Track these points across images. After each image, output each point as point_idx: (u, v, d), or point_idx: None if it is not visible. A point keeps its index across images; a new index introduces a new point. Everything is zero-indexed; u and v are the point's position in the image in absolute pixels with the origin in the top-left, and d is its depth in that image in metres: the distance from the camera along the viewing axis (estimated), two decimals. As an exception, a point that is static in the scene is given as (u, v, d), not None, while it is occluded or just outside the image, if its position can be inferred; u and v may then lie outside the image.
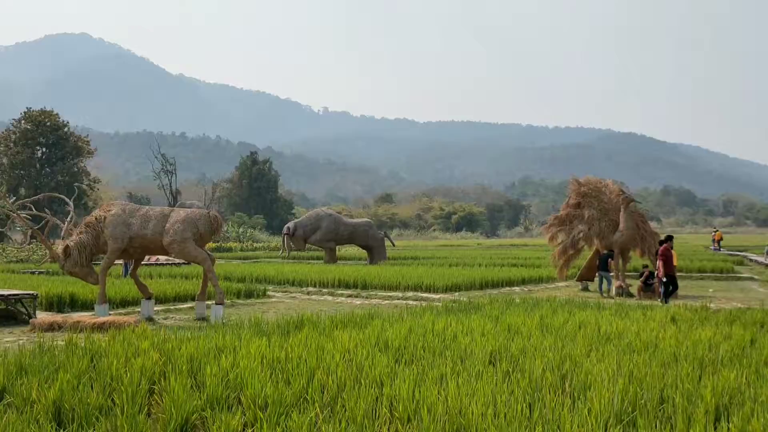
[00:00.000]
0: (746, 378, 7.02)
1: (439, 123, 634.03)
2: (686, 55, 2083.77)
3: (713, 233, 57.04)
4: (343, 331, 10.27)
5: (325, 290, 22.31)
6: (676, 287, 18.24)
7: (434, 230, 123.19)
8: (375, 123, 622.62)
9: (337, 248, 42.34)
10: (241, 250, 60.14)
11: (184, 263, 32.48)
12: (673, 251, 19.10)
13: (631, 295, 20.45)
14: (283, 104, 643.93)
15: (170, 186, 74.12)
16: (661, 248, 18.54)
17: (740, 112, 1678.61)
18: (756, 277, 27.59)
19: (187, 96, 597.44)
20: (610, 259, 21.20)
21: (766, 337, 9.73)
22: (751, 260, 37.54)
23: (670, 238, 18.79)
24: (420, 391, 6.35)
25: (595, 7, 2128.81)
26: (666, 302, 17.28)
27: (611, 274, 21.18)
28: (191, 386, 6.94)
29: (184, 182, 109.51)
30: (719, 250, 48.82)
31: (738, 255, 41.96)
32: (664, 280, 18.10)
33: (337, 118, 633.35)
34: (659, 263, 18.32)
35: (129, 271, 19.68)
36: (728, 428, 5.40)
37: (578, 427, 5.40)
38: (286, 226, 38.31)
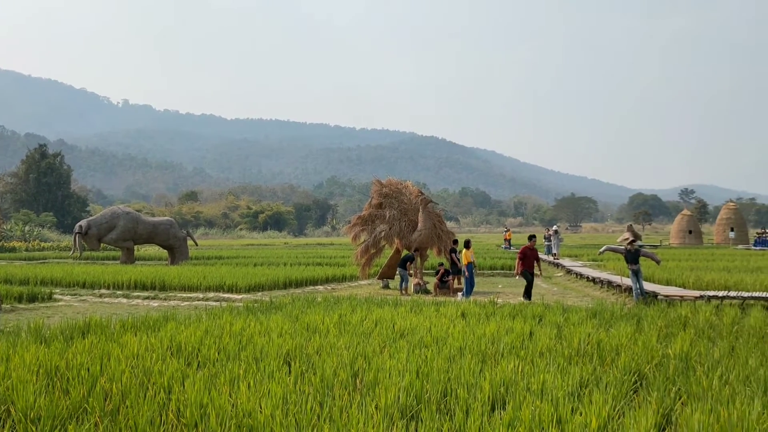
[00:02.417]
0: (522, 369, 7.53)
1: (248, 120, 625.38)
2: (483, 65, 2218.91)
3: (505, 233, 61.09)
4: (133, 336, 9.79)
5: (119, 292, 21.16)
6: (530, 284, 18.67)
7: (241, 229, 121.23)
8: (180, 118, 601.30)
9: (135, 248, 40.36)
10: (27, 250, 55.33)
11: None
12: (469, 250, 20.12)
13: (428, 292, 21.32)
14: (78, 95, 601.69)
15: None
16: (522, 248, 18.98)
17: (530, 120, 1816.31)
18: (540, 273, 29.82)
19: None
20: (409, 262, 21.97)
21: (542, 330, 10.53)
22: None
23: (532, 237, 19.53)
24: (210, 395, 6.18)
25: (400, 9, 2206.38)
26: (529, 299, 18.02)
27: (410, 272, 21.97)
28: (-49, 402, 6.25)
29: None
30: (510, 248, 52.29)
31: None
32: (517, 277, 18.80)
33: (138, 111, 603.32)
34: (517, 261, 18.95)
35: None
36: (501, 416, 5.75)
37: (364, 424, 5.50)
38: (78, 224, 35.85)
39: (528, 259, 18.51)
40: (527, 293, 18.32)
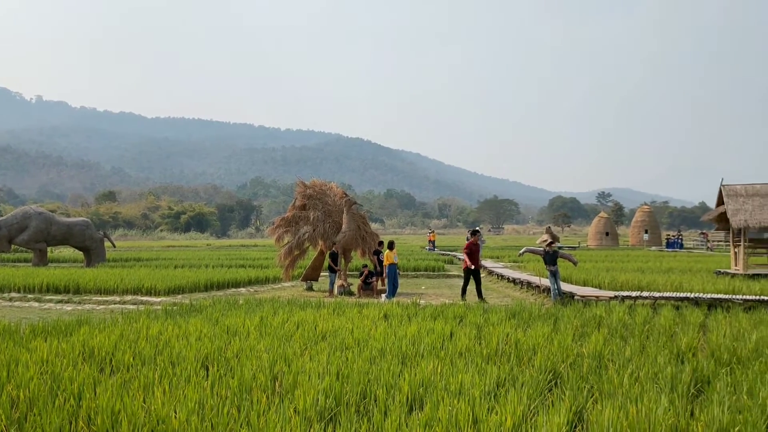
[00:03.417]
0: (441, 369, 7.61)
1: (169, 119, 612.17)
2: (409, 67, 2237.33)
3: (429, 234, 61.74)
4: (44, 341, 9.43)
5: (30, 296, 20.32)
6: (477, 282, 18.68)
7: (162, 230, 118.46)
8: (97, 115, 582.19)
9: (49, 250, 38.92)
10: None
11: None
12: (392, 251, 20.23)
13: (351, 294, 21.32)
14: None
15: None
16: (468, 244, 19.03)
17: (454, 123, 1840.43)
18: (463, 274, 30.24)
19: None
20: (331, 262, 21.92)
21: (462, 330, 10.66)
22: (460, 259, 41.14)
23: (476, 232, 19.54)
24: (122, 401, 6.01)
25: (327, 11, 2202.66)
26: (464, 298, 18.05)
27: (338, 268, 21.89)
28: None
29: None
30: (433, 250, 52.87)
31: (449, 254, 45.84)
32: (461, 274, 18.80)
33: (53, 107, 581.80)
34: (465, 256, 18.99)
35: None
36: (419, 417, 5.79)
37: (282, 427, 5.45)
38: (-13, 225, 34.27)
39: (474, 254, 18.67)
40: (479, 293, 18.46)
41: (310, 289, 23.09)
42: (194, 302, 15.37)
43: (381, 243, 22.71)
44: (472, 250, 18.66)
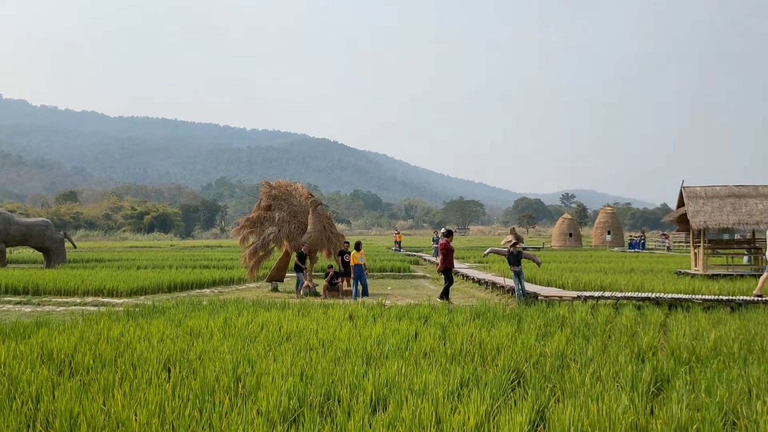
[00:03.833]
0: (405, 369, 7.62)
1: (132, 118, 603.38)
2: (376, 68, 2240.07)
3: (395, 235, 61.80)
4: (1, 343, 9.24)
5: (-12, 297, 19.91)
6: (450, 282, 18.68)
7: (124, 231, 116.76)
8: (58, 114, 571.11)
9: (8, 250, 38.11)
10: None
11: None
12: (360, 252, 20.21)
13: (317, 294, 21.25)
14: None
15: None
16: (442, 242, 19.00)
17: (421, 124, 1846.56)
18: (428, 275, 30.37)
19: None
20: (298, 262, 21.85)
21: (427, 331, 10.70)
22: (425, 260, 41.30)
23: (450, 233, 19.50)
24: (82, 404, 5.91)
25: (292, 10, 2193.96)
26: (445, 299, 18.02)
27: (302, 274, 21.81)
28: None
29: None
30: (399, 250, 52.95)
31: (415, 255, 45.99)
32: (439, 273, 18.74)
33: (12, 106, 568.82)
34: (440, 257, 18.89)
35: None
36: (383, 417, 5.79)
37: (244, 429, 5.41)
38: (-59, 225, 33.41)
39: (449, 255, 18.68)
40: (446, 294, 18.42)
41: (275, 290, 22.97)
42: (157, 303, 15.18)
43: (347, 243, 22.69)
44: (449, 250, 18.71)
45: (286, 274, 24.75)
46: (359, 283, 20.30)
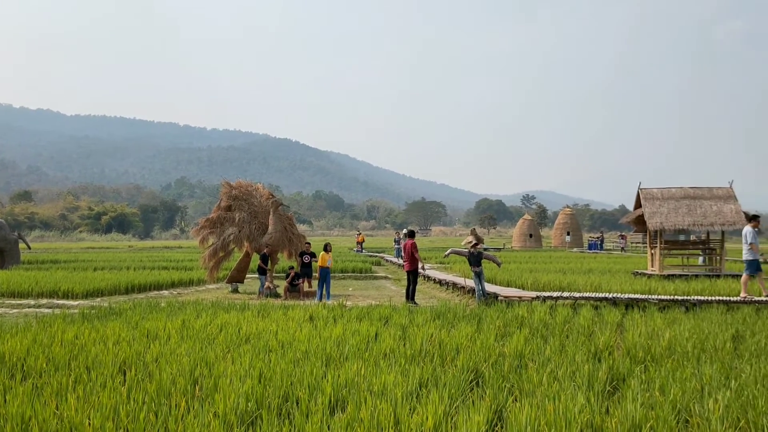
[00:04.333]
0: (365, 370, 7.61)
1: (90, 117, 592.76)
2: (336, 68, 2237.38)
3: (357, 236, 61.76)
4: (-51, 347, 8.98)
5: (-62, 300, 19.37)
6: (416, 283, 18.60)
7: (81, 231, 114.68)
8: (12, 112, 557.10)
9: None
10: None
11: None
12: (327, 254, 20.12)
13: (278, 296, 21.13)
14: None
15: None
16: (408, 243, 18.83)
17: (383, 125, 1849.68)
18: (390, 276, 30.40)
19: None
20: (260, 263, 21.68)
21: (387, 331, 10.70)
22: (387, 260, 41.34)
23: (412, 233, 19.36)
24: (34, 408, 5.78)
25: (252, 9, 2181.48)
26: (412, 301, 17.92)
27: (266, 276, 21.64)
28: None
29: None
30: (361, 251, 52.92)
31: (377, 256, 46.01)
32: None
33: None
34: (406, 258, 18.70)
35: None
36: (341, 418, 5.78)
37: (200, 432, 5.35)
38: None
39: (414, 256, 18.62)
40: (412, 295, 18.35)
41: (235, 291, 22.78)
42: (113, 305, 14.94)
43: (308, 244, 22.60)
44: (413, 252, 18.68)
45: (247, 275, 24.55)
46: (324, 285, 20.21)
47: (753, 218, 17.00)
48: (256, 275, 24.79)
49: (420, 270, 20.13)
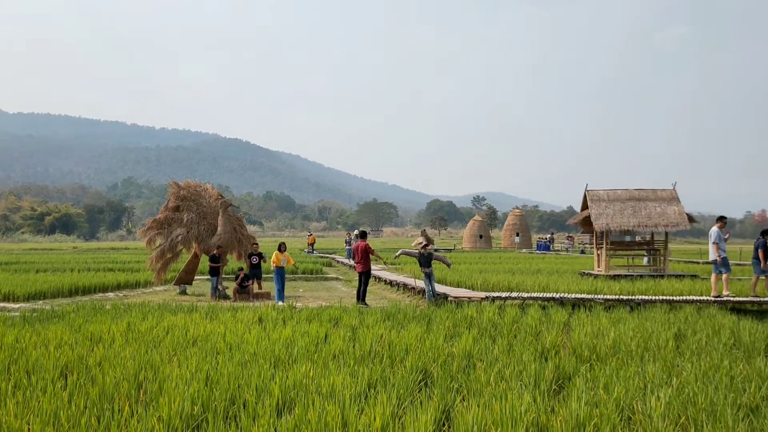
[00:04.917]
0: (314, 372, 7.57)
1: (33, 115, 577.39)
2: (287, 67, 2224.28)
3: (308, 237, 61.48)
4: None
5: None
6: (365, 284, 18.45)
7: (23, 233, 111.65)
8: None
9: None
10: None
11: None
12: (282, 253, 19.97)
13: (227, 297, 20.90)
14: None
15: None
16: (362, 244, 18.62)
17: (334, 125, 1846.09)
18: (341, 277, 30.34)
19: None
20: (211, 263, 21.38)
21: (337, 333, 10.67)
22: (338, 261, 41.28)
23: (364, 234, 19.18)
24: (-31, 416, 5.59)
25: (200, 7, 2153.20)
26: (363, 302, 17.76)
27: (217, 277, 21.35)
28: None
29: None
30: (313, 252, 52.70)
31: (328, 257, 45.90)
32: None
33: None
34: (359, 259, 18.50)
35: None
36: (288, 420, 5.74)
37: (144, 436, 5.25)
38: None
39: (367, 257, 18.55)
40: (363, 297, 18.29)
41: (183, 293, 22.44)
42: (56, 308, 14.60)
43: (256, 245, 22.40)
44: (367, 253, 18.62)
45: (195, 277, 24.21)
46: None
47: (720, 219, 17.45)
48: (206, 277, 24.47)
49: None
